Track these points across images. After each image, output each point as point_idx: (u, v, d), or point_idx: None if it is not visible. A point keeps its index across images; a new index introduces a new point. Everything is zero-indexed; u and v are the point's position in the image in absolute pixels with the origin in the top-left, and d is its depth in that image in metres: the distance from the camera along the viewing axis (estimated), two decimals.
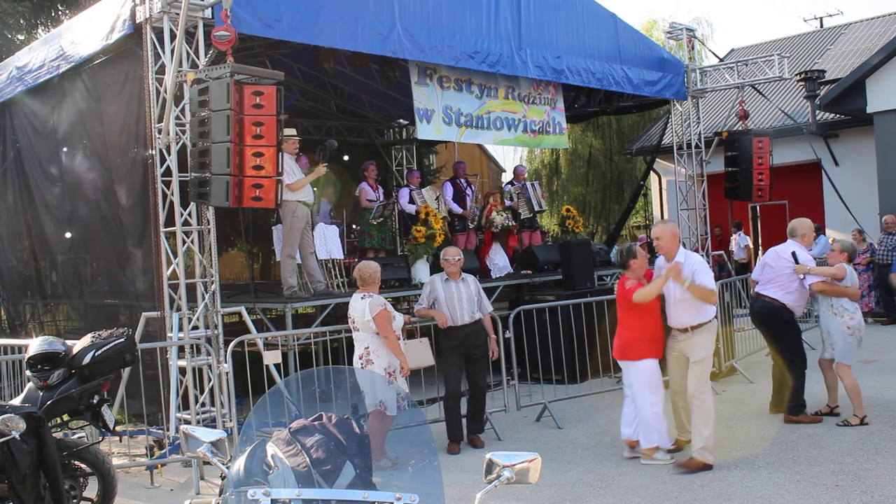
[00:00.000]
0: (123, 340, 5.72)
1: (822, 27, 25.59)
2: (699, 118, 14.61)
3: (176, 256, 7.91)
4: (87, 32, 8.95)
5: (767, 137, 13.86)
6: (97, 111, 9.31)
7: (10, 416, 5.03)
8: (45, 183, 10.53)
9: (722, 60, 17.84)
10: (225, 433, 3.00)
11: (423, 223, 11.28)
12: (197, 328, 7.92)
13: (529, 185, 13.57)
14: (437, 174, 19.46)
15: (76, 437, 6.17)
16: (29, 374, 5.61)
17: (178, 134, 7.83)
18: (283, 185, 7.64)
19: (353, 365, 7.13)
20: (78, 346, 5.68)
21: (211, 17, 7.75)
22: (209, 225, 7.99)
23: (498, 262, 12.43)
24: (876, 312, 14.09)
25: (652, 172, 20.45)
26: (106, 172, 9.29)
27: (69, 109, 9.84)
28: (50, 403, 5.42)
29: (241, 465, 2.78)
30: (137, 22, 7.91)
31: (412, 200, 12.07)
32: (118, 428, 7.07)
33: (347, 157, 15.74)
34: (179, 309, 7.87)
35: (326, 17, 8.74)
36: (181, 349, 7.83)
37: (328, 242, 11.04)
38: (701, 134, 14.58)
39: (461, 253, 8.02)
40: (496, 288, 11.36)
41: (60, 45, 9.48)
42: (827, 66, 20.19)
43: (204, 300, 7.97)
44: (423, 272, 10.90)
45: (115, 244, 9.29)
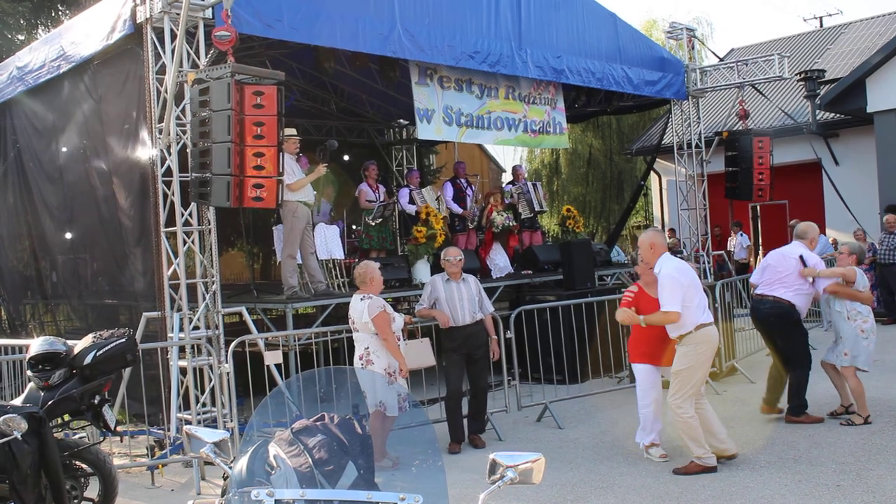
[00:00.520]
0: (124, 341, 5.72)
1: (821, 27, 25.59)
2: (699, 118, 14.61)
3: (177, 256, 7.91)
4: (87, 32, 8.96)
5: (768, 137, 13.86)
6: (98, 111, 9.31)
7: (11, 416, 5.02)
8: (45, 183, 10.53)
9: (722, 60, 17.85)
10: (228, 433, 3.00)
11: (423, 223, 11.28)
12: (198, 328, 7.92)
13: (531, 184, 13.56)
14: (437, 174, 19.45)
15: (77, 437, 6.16)
16: (30, 374, 5.61)
17: (178, 134, 7.83)
18: (283, 185, 7.64)
19: (353, 365, 7.13)
20: (79, 346, 5.67)
21: (211, 17, 7.75)
22: (210, 225, 7.99)
23: (498, 262, 12.42)
24: (876, 312, 14.06)
25: (652, 172, 20.46)
26: (106, 172, 9.28)
27: (70, 109, 9.84)
28: (51, 403, 5.42)
29: (243, 465, 2.78)
30: (138, 22, 7.92)
31: (412, 200, 12.06)
32: (119, 428, 7.06)
33: (348, 157, 15.74)
34: (180, 309, 7.87)
35: (327, 17, 8.74)
36: (182, 349, 7.84)
37: (329, 242, 11.04)
38: (701, 134, 14.58)
39: (462, 253, 8.03)
40: (497, 288, 11.36)
41: (61, 45, 9.48)
42: (827, 65, 20.19)
43: (205, 300, 7.98)
44: (423, 272, 10.90)
45: (115, 244, 9.28)
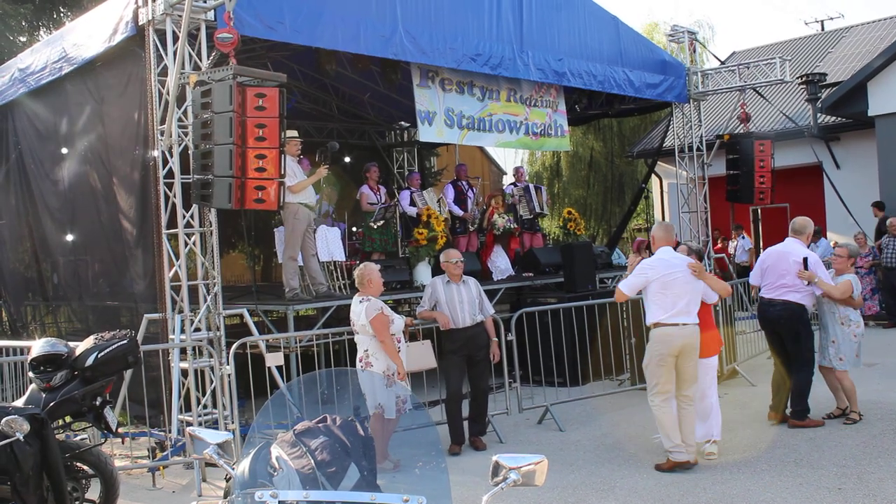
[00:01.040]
0: (126, 342, 5.71)
1: (823, 30, 25.60)
2: (700, 121, 14.62)
3: (178, 258, 7.92)
4: (89, 34, 8.97)
5: (769, 140, 13.87)
6: (99, 113, 9.32)
7: (13, 417, 5.02)
8: (47, 185, 10.53)
9: (723, 63, 17.87)
10: (231, 435, 3.00)
11: (424, 225, 11.28)
12: (199, 330, 7.92)
13: (532, 187, 13.57)
14: (438, 177, 19.46)
15: (78, 438, 6.15)
16: (32, 375, 5.60)
17: (180, 136, 7.83)
18: (284, 187, 7.64)
19: (354, 367, 7.14)
20: (81, 347, 5.67)
21: (213, 19, 7.76)
22: (211, 227, 8.00)
23: (499, 264, 12.42)
24: (878, 315, 14.08)
25: (653, 175, 20.45)
26: (108, 174, 9.29)
27: (71, 111, 9.84)
28: (53, 405, 5.41)
29: (246, 466, 2.78)
30: (140, 24, 7.93)
31: (413, 203, 12.07)
32: (120, 430, 7.07)
33: (349, 158, 15.75)
34: (181, 311, 7.88)
35: (328, 19, 8.75)
36: (183, 351, 7.84)
37: (330, 244, 11.04)
38: (702, 137, 14.59)
39: (462, 256, 8.03)
40: (498, 290, 11.36)
41: (63, 46, 9.50)
42: (828, 69, 20.20)
43: (206, 302, 7.98)
44: (424, 274, 10.90)
45: (116, 246, 9.28)
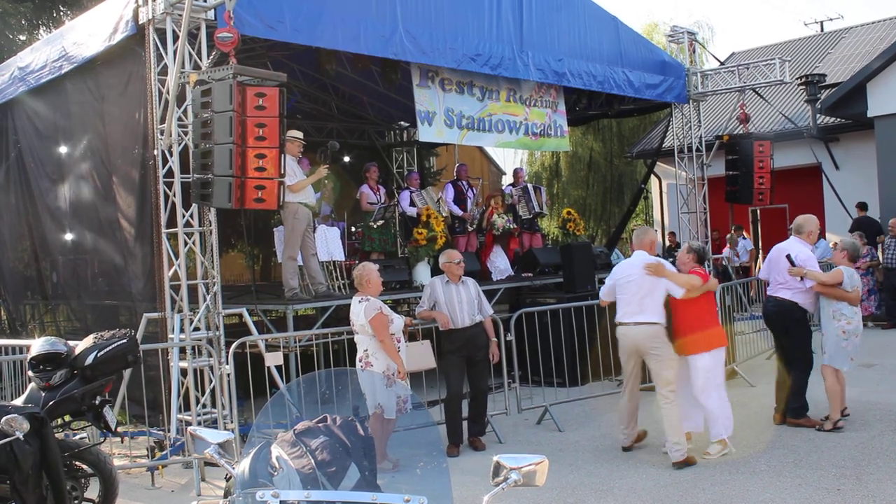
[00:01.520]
0: (126, 341, 5.71)
1: (822, 31, 25.62)
2: (700, 121, 14.62)
3: (177, 257, 7.92)
4: (89, 33, 8.96)
5: (768, 141, 13.87)
6: (99, 112, 9.31)
7: (13, 416, 5.02)
8: (46, 183, 10.53)
9: (723, 64, 17.85)
10: (232, 434, 3.00)
11: (424, 225, 11.28)
12: (198, 329, 7.92)
13: (531, 187, 13.57)
14: (437, 176, 19.46)
15: (78, 437, 6.16)
16: (31, 374, 5.60)
17: (180, 135, 7.83)
18: (284, 186, 7.64)
19: (354, 367, 7.14)
20: (80, 346, 5.67)
21: (213, 18, 7.76)
22: (211, 226, 8.00)
23: (499, 264, 12.42)
24: (876, 316, 14.09)
25: (652, 176, 20.46)
26: (108, 173, 9.28)
27: (71, 110, 9.84)
28: (52, 404, 5.41)
29: (246, 466, 2.78)
30: (140, 23, 7.92)
31: (412, 203, 12.08)
32: (119, 429, 7.05)
33: (348, 158, 15.75)
34: (181, 310, 7.87)
35: (329, 18, 8.75)
36: (182, 350, 7.84)
37: (329, 244, 11.04)
38: (702, 137, 14.59)
39: (462, 256, 8.04)
40: (497, 290, 11.36)
41: (63, 45, 9.49)
42: (828, 69, 20.21)
43: (205, 301, 7.98)
44: (424, 274, 10.90)
45: (116, 245, 9.28)
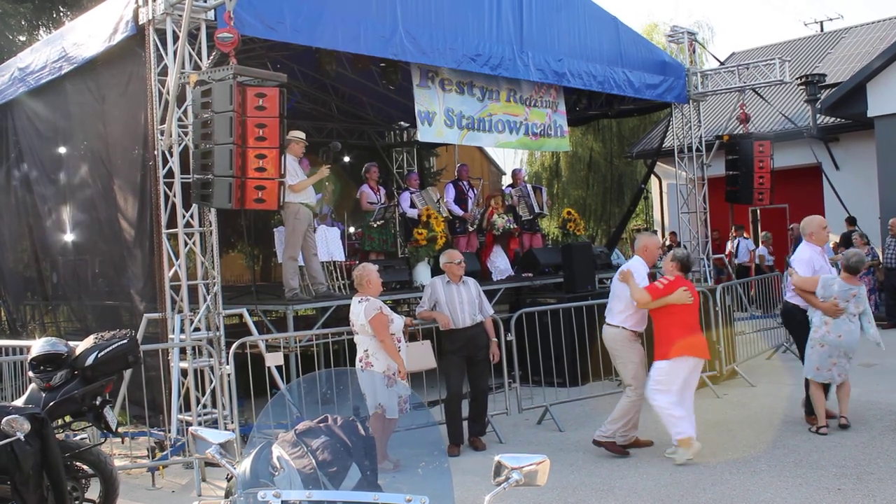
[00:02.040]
0: (126, 342, 5.71)
1: (822, 31, 25.62)
2: (700, 121, 14.63)
3: (178, 258, 7.92)
4: (89, 34, 8.96)
5: (768, 141, 13.88)
6: (99, 112, 9.31)
7: (14, 417, 5.01)
8: (46, 184, 10.52)
9: (723, 64, 17.86)
10: (233, 434, 3.00)
11: (424, 225, 11.28)
12: (198, 330, 7.92)
13: (531, 187, 13.58)
14: (437, 176, 19.48)
15: (78, 438, 6.15)
16: (31, 375, 5.60)
17: (180, 135, 7.83)
18: (285, 186, 7.64)
19: (354, 367, 7.14)
20: (81, 347, 5.66)
21: (213, 18, 7.76)
22: (211, 226, 7.99)
23: (499, 264, 12.43)
24: (877, 316, 14.07)
25: (653, 176, 20.47)
26: (108, 174, 9.28)
27: (71, 111, 9.84)
28: (53, 405, 5.41)
29: (247, 466, 2.78)
30: (140, 23, 7.92)
31: (413, 204, 12.08)
32: (120, 429, 7.07)
33: (348, 158, 15.75)
34: (181, 310, 7.87)
35: (329, 19, 8.74)
36: (182, 351, 7.84)
37: (329, 244, 11.05)
38: (702, 137, 14.59)
39: (462, 256, 8.04)
40: (497, 290, 11.36)
41: (63, 46, 9.49)
42: (828, 69, 20.21)
43: (205, 302, 7.98)
44: (424, 274, 10.90)
45: (116, 245, 9.28)
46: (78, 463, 5.77)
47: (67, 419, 5.79)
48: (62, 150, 10.16)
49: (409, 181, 12.84)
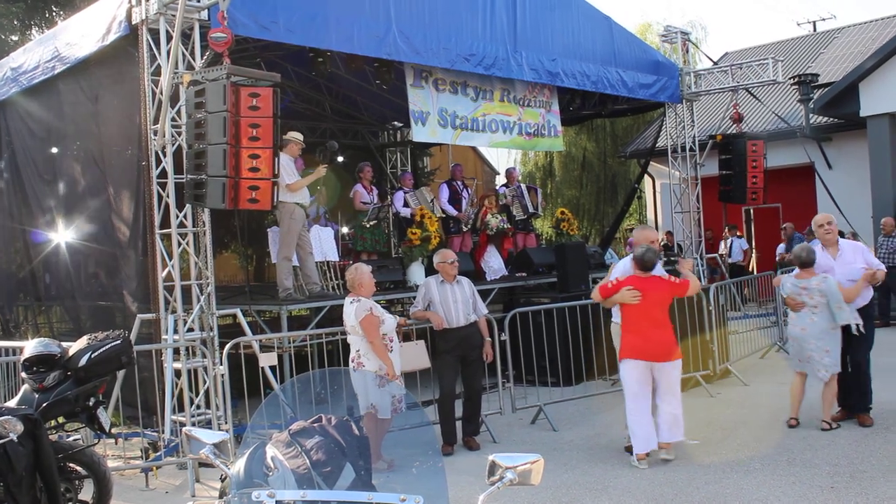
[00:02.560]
0: (120, 343, 5.70)
1: (815, 31, 25.70)
2: (693, 121, 14.67)
3: (171, 258, 7.90)
4: (82, 33, 8.94)
5: (761, 141, 13.93)
6: (93, 113, 9.29)
7: (7, 418, 5.00)
8: (39, 184, 10.49)
9: (716, 64, 17.88)
10: (227, 435, 3.00)
11: (418, 225, 11.28)
12: (192, 330, 7.90)
13: (525, 187, 13.59)
14: (431, 176, 19.48)
15: (71, 439, 6.13)
16: (24, 375, 5.58)
17: (174, 135, 7.82)
18: (279, 186, 7.63)
19: (347, 367, 7.14)
20: (74, 348, 5.65)
21: (207, 18, 7.74)
22: (205, 227, 7.98)
23: (493, 264, 12.43)
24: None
25: (646, 175, 20.50)
26: (101, 174, 9.26)
27: (64, 111, 9.81)
28: (46, 406, 5.40)
29: (241, 466, 2.78)
30: (133, 23, 7.91)
31: (406, 204, 12.07)
32: (113, 430, 7.05)
33: (342, 158, 15.73)
34: (174, 311, 7.86)
35: (322, 19, 8.74)
36: (176, 351, 7.82)
37: (323, 244, 11.04)
38: (695, 137, 14.64)
39: (456, 256, 8.05)
40: (491, 290, 11.36)
41: (55, 46, 9.46)
42: (820, 69, 20.26)
43: (199, 302, 7.96)
44: (418, 274, 10.90)
45: (109, 246, 9.26)
46: (71, 464, 5.76)
47: (61, 420, 5.77)
48: (55, 150, 10.14)
49: (402, 181, 12.85)
